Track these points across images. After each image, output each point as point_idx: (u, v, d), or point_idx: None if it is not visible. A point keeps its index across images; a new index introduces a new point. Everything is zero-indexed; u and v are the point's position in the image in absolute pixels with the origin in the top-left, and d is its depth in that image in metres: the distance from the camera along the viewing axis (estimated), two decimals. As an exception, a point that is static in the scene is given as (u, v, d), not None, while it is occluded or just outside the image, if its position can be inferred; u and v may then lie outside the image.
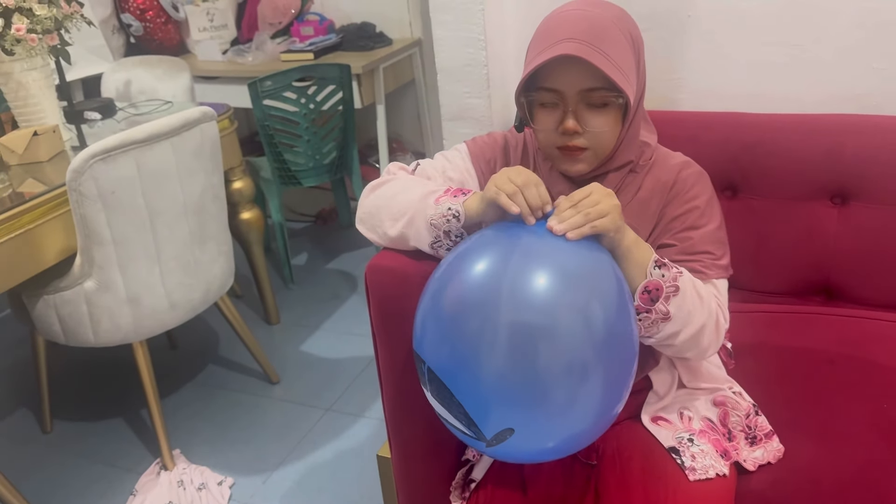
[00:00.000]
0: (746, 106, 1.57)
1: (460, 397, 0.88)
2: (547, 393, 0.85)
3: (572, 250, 0.91)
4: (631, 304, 0.93)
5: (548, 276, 0.86)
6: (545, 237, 0.93)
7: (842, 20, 1.49)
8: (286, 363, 2.39)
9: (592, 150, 1.05)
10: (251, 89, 2.48)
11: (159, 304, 1.87)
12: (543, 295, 0.85)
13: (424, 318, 0.93)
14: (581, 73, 0.99)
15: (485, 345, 0.85)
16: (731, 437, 1.16)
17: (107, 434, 2.16)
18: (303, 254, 3.15)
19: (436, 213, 1.04)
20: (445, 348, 0.89)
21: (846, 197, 1.49)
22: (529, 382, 0.84)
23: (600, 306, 0.87)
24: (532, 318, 0.84)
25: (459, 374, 0.87)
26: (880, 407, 1.23)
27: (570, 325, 0.85)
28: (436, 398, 0.93)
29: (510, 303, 0.85)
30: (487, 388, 0.85)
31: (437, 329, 0.90)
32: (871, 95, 1.51)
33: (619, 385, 0.91)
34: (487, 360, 0.85)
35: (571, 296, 0.86)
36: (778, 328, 1.46)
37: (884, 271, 1.48)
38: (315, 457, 1.98)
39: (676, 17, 1.60)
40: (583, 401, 0.87)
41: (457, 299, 0.89)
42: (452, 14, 1.61)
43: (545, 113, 1.04)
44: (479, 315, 0.86)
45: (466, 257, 0.92)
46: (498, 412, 0.86)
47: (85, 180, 1.64)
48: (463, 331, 0.87)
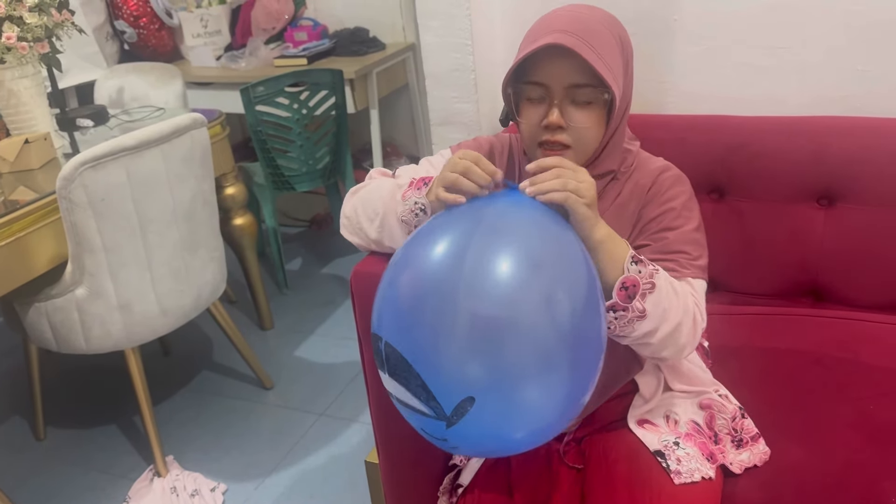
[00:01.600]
0: (733, 108, 1.58)
1: (418, 367, 0.83)
2: (510, 383, 0.81)
3: (539, 233, 0.88)
4: (600, 294, 0.90)
5: (511, 263, 0.83)
6: (511, 216, 0.90)
7: (827, 22, 1.50)
8: (280, 369, 2.39)
9: (574, 150, 1.04)
10: (243, 95, 2.49)
11: (150, 311, 1.87)
12: (506, 284, 0.81)
13: (383, 300, 0.89)
14: (568, 68, 0.99)
15: (444, 332, 0.81)
16: (718, 440, 1.16)
17: (100, 441, 2.16)
18: (297, 259, 3.15)
19: (404, 209, 1.05)
20: (404, 330, 0.85)
21: (833, 198, 1.50)
22: (491, 372, 0.81)
23: (566, 296, 0.84)
24: (493, 309, 0.80)
25: (419, 351, 0.83)
26: (866, 408, 1.23)
27: (534, 316, 0.81)
28: (393, 377, 0.88)
29: (470, 289, 0.81)
30: (448, 362, 0.81)
31: (395, 312, 0.86)
32: (856, 97, 1.52)
33: (585, 376, 0.88)
34: (447, 347, 0.81)
35: (536, 285, 0.83)
36: (765, 330, 1.46)
37: (870, 272, 1.48)
38: (308, 462, 1.98)
39: (662, 20, 1.61)
40: (547, 392, 0.84)
41: (416, 281, 0.85)
42: (439, 20, 1.62)
43: (531, 107, 1.04)
44: (438, 300, 0.82)
45: (428, 236, 0.89)
46: (458, 381, 0.82)
47: (75, 188, 1.65)
48: (422, 316, 0.83)
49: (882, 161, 1.45)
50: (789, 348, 1.39)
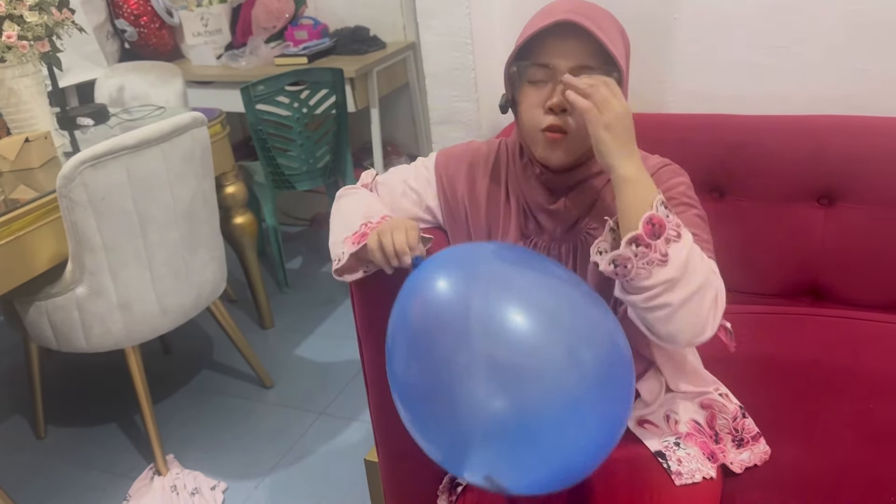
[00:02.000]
0: (733, 108, 1.58)
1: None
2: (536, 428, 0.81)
3: (547, 287, 0.89)
4: (622, 335, 0.89)
5: (526, 315, 0.83)
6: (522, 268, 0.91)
7: (827, 21, 1.50)
8: (280, 367, 2.39)
9: (574, 136, 1.01)
10: (244, 94, 2.49)
11: (150, 310, 1.87)
12: (525, 333, 0.82)
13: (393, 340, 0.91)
14: (574, 48, 0.98)
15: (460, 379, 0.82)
16: (719, 439, 1.16)
17: (100, 440, 2.16)
18: (297, 258, 3.15)
19: (340, 252, 1.08)
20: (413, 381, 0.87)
21: (833, 197, 1.49)
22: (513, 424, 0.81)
23: (587, 346, 0.84)
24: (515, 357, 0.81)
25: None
26: (866, 408, 1.23)
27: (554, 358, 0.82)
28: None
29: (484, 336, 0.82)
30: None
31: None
32: (856, 96, 1.52)
33: (616, 421, 0.88)
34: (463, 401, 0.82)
35: (554, 335, 0.83)
36: (765, 329, 1.46)
37: (870, 272, 1.48)
38: (308, 461, 1.98)
39: (662, 19, 1.61)
40: (583, 430, 0.84)
41: (424, 326, 0.86)
42: (439, 19, 1.62)
43: (533, 90, 1.01)
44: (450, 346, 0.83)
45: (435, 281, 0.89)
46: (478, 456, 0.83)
47: (75, 186, 1.65)
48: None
49: (883, 160, 1.45)
50: (789, 348, 1.39)
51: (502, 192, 1.15)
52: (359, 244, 1.04)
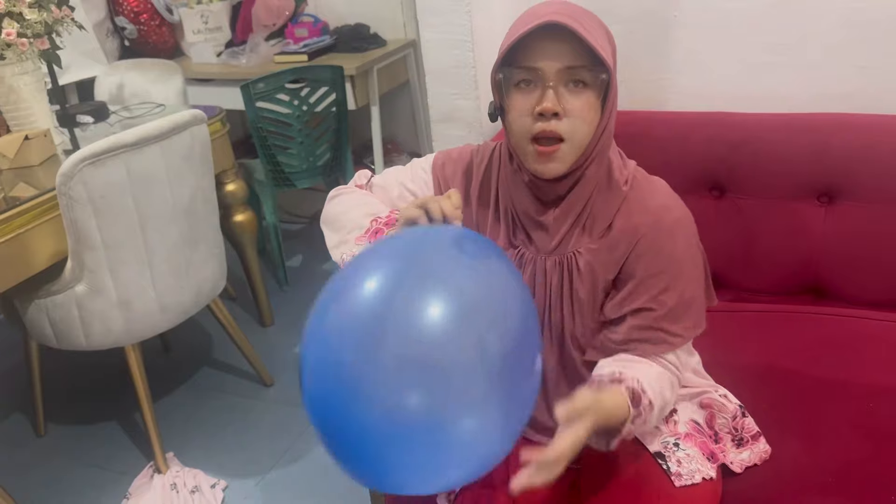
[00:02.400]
0: (733, 105, 1.57)
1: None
2: (439, 423, 0.79)
3: (471, 273, 0.86)
4: (536, 331, 0.90)
5: (441, 306, 0.80)
6: (445, 253, 0.87)
7: (827, 19, 1.50)
8: (280, 365, 2.39)
9: (569, 143, 0.98)
10: (244, 91, 2.49)
11: (150, 308, 1.87)
12: (434, 325, 0.79)
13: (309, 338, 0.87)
14: (562, 50, 0.95)
15: (369, 371, 0.78)
16: (718, 439, 1.16)
17: (100, 437, 2.16)
18: (297, 256, 3.15)
19: (348, 252, 1.06)
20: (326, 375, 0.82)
21: (833, 196, 1.49)
22: (419, 412, 0.78)
23: (497, 337, 0.82)
24: (422, 351, 0.78)
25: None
26: (866, 406, 1.23)
27: (464, 359, 0.79)
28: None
29: (398, 331, 0.79)
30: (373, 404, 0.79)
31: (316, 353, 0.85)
32: (856, 94, 1.51)
33: (519, 412, 0.87)
34: (372, 393, 0.78)
35: (465, 327, 0.80)
36: (766, 327, 1.46)
37: (871, 270, 1.48)
38: (308, 459, 1.98)
39: (662, 17, 1.60)
40: (478, 433, 0.81)
41: (342, 319, 0.83)
42: (440, 17, 1.62)
43: (522, 96, 0.98)
44: (362, 338, 0.80)
45: (360, 268, 0.87)
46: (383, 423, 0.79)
47: (74, 184, 1.64)
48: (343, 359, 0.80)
49: (883, 158, 1.44)
50: (790, 346, 1.39)
51: (492, 198, 1.13)
52: (373, 240, 1.03)
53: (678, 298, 1.02)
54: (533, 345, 0.89)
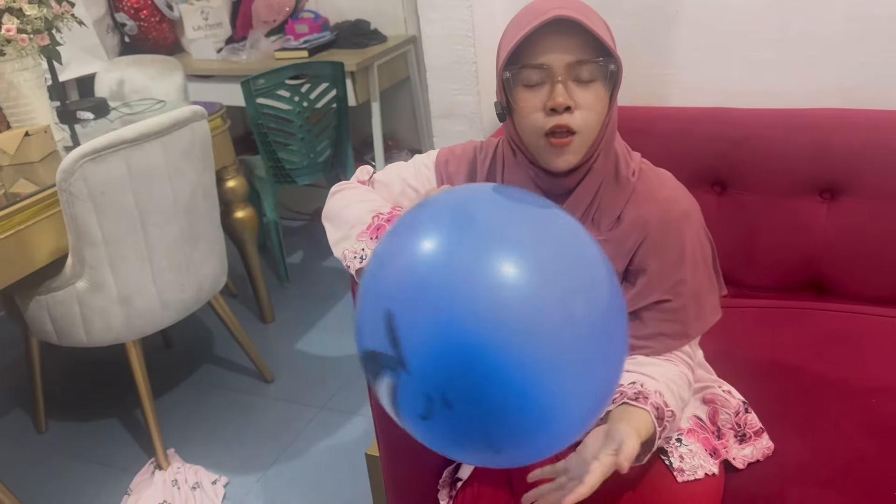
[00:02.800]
0: (735, 101, 1.57)
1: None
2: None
3: (542, 236, 0.79)
4: (618, 290, 0.83)
5: (517, 269, 0.73)
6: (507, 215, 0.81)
7: (829, 15, 1.49)
8: (281, 362, 2.39)
9: (580, 136, 0.98)
10: (244, 88, 2.48)
11: (151, 304, 1.87)
12: (515, 291, 0.73)
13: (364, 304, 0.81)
14: (569, 44, 0.95)
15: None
16: (721, 434, 1.16)
17: (101, 434, 2.16)
18: (298, 252, 3.15)
19: (354, 247, 1.04)
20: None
21: (835, 192, 1.49)
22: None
23: (583, 298, 0.76)
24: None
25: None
26: (869, 402, 1.23)
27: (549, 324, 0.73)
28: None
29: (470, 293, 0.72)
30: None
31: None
32: (858, 90, 1.51)
33: (607, 384, 0.82)
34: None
35: (548, 289, 0.74)
36: (768, 323, 1.45)
37: (873, 265, 1.47)
38: (309, 455, 1.98)
39: (664, 12, 1.60)
40: (571, 396, 0.76)
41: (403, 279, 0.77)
42: (440, 12, 1.61)
43: (530, 93, 0.97)
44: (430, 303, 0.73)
45: (414, 232, 0.79)
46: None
47: (75, 181, 1.64)
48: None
49: (885, 154, 1.44)
50: (792, 342, 1.39)
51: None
52: (377, 238, 1.01)
53: (693, 288, 1.03)
54: (621, 306, 0.83)
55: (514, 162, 1.09)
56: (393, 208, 1.08)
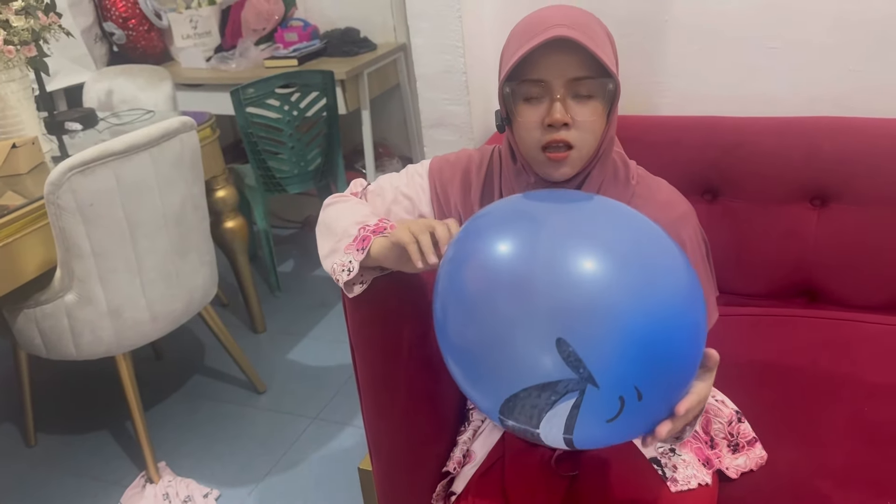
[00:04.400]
0: (725, 109, 1.57)
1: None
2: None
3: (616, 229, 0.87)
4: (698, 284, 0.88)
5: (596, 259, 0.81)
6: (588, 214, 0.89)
7: (819, 23, 1.50)
8: (272, 372, 2.38)
9: (577, 150, 0.99)
10: (233, 97, 2.47)
11: (141, 317, 1.85)
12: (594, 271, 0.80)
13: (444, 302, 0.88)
14: (568, 61, 0.96)
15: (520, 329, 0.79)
16: (714, 444, 1.16)
17: (91, 447, 2.14)
18: (289, 261, 3.14)
19: (342, 259, 1.03)
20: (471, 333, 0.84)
21: (826, 199, 1.49)
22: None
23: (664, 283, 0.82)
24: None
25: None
26: (861, 410, 1.23)
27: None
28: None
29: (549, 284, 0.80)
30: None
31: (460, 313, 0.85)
32: (848, 97, 1.51)
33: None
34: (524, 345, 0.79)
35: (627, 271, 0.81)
36: (760, 331, 1.45)
37: (864, 272, 1.48)
38: (302, 467, 1.97)
39: (654, 20, 1.60)
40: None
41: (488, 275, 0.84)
42: (430, 21, 1.61)
43: (529, 108, 0.99)
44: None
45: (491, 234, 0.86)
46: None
47: (63, 193, 1.63)
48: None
49: (875, 161, 1.44)
50: (784, 350, 1.39)
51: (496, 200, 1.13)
52: (362, 249, 1.01)
53: None
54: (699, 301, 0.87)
55: (514, 168, 1.10)
56: (379, 220, 1.07)
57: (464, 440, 1.21)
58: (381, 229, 1.03)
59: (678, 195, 1.09)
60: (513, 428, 0.86)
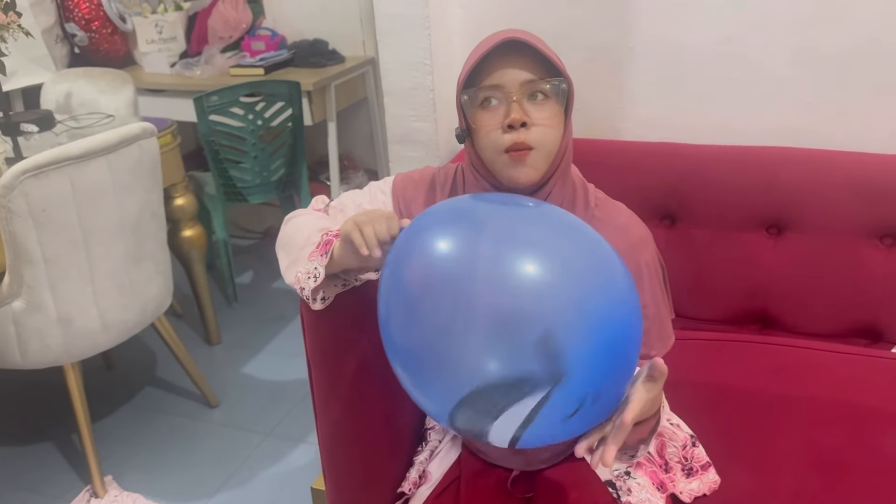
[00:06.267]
0: (685, 137, 1.60)
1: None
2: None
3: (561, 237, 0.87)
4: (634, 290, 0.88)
5: (534, 259, 0.81)
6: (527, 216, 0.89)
7: (778, 56, 1.53)
8: (226, 386, 2.33)
9: (538, 151, 1.00)
10: (197, 104, 2.44)
11: (92, 326, 1.80)
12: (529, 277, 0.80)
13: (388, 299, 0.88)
14: (521, 64, 0.99)
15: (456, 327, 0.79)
16: (668, 468, 1.16)
17: (34, 459, 2.07)
18: (248, 272, 3.09)
19: (306, 267, 1.02)
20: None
21: (781, 227, 1.52)
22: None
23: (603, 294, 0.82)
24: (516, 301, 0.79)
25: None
26: (812, 436, 1.25)
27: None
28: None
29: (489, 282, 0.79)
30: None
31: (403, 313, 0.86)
32: (805, 129, 1.55)
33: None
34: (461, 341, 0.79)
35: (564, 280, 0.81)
36: (714, 356, 1.47)
37: (817, 301, 1.51)
38: (253, 484, 1.93)
39: (619, 48, 1.62)
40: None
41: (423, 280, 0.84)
42: (398, 37, 1.61)
43: (487, 114, 1.01)
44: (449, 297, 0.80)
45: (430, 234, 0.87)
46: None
47: (15, 197, 1.58)
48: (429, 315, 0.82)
49: (828, 192, 1.48)
50: (738, 375, 1.41)
51: None
52: (326, 254, 1.00)
53: (654, 310, 1.07)
54: (636, 308, 0.87)
55: (475, 184, 1.10)
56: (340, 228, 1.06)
57: (420, 460, 1.19)
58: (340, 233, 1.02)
59: (636, 219, 1.11)
60: (461, 427, 0.85)
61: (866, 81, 1.49)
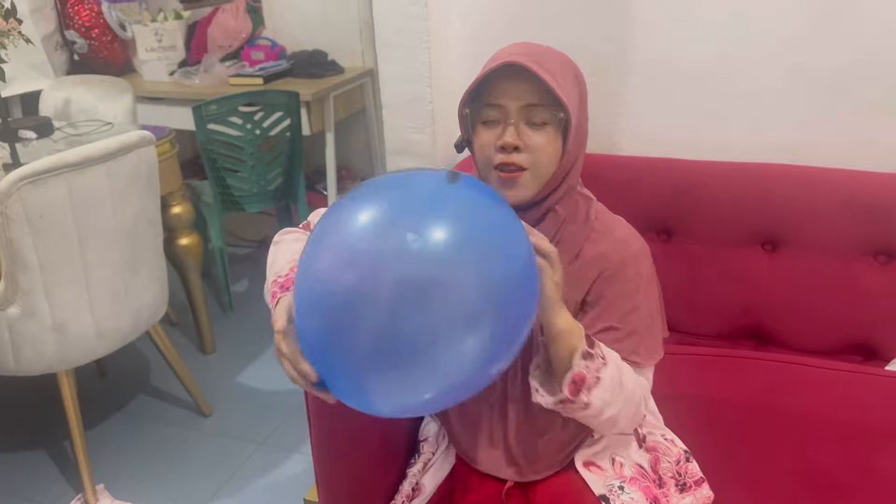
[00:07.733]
0: (682, 152, 1.61)
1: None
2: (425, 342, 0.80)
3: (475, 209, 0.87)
4: (534, 274, 0.90)
5: (445, 228, 0.81)
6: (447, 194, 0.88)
7: (774, 73, 1.54)
8: (220, 395, 2.32)
9: (531, 172, 1.01)
10: (195, 113, 2.44)
11: (86, 333, 1.80)
12: (438, 245, 0.80)
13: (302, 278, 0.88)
14: (523, 88, 1.00)
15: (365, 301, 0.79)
16: (662, 483, 1.16)
17: (25, 467, 2.06)
18: (244, 280, 3.09)
19: (271, 297, 1.06)
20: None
21: (776, 244, 1.53)
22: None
23: (501, 264, 0.83)
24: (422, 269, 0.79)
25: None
26: (806, 453, 1.25)
27: (464, 276, 0.80)
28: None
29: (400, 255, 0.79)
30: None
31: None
32: (800, 146, 1.56)
33: (505, 346, 0.86)
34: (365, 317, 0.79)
35: (470, 248, 0.81)
36: (709, 372, 1.47)
37: (812, 317, 1.51)
38: (245, 494, 1.92)
39: (618, 64, 1.63)
40: (463, 355, 0.81)
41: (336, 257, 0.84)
42: (398, 50, 1.62)
43: (485, 130, 1.03)
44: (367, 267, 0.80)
45: (350, 208, 0.87)
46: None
47: (12, 203, 1.58)
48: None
49: (823, 209, 1.48)
50: (733, 391, 1.40)
51: None
52: (273, 302, 1.04)
53: (640, 322, 1.07)
54: (531, 288, 0.88)
55: None
56: (290, 270, 1.07)
57: (413, 473, 1.19)
58: (288, 284, 1.04)
59: (635, 233, 1.12)
60: None
61: (861, 99, 1.51)
